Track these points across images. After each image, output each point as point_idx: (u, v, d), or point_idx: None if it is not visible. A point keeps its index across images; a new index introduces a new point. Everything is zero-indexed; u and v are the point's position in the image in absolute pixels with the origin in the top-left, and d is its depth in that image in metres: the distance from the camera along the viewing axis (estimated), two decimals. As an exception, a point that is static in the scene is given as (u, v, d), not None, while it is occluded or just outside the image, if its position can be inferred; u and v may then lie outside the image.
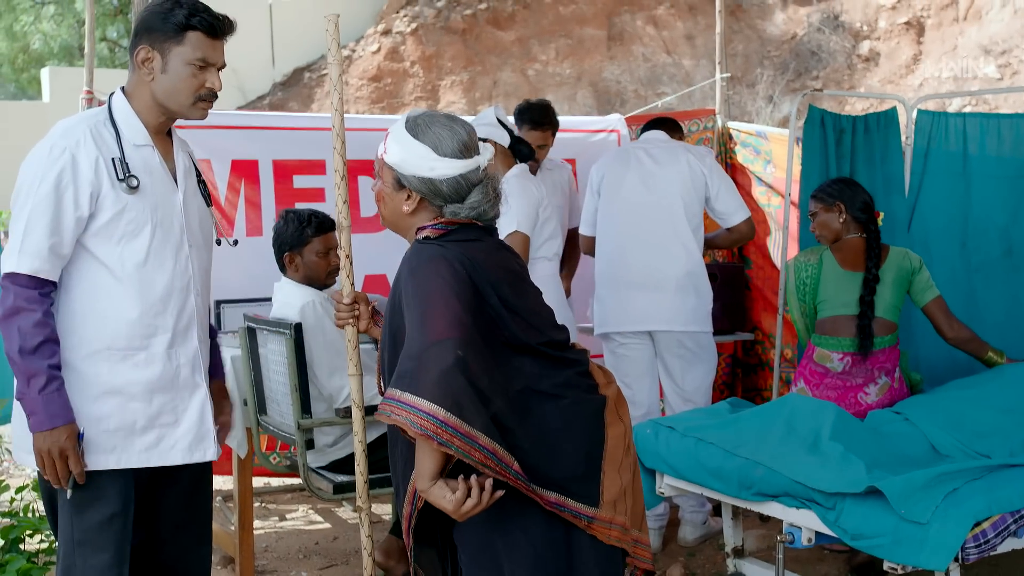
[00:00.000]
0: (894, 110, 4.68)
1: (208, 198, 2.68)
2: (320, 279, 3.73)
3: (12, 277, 2.35)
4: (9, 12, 14.40)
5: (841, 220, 3.77)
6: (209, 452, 2.57)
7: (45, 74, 12.98)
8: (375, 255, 4.79)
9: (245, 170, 4.97)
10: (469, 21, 14.40)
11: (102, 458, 2.42)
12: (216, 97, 2.53)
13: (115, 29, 15.26)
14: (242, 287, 4.74)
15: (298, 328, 3.35)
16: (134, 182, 2.43)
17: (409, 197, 2.29)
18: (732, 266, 5.23)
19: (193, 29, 2.43)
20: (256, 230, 4.97)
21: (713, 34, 15.15)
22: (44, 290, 2.37)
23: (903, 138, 4.65)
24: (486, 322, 2.19)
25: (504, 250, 2.36)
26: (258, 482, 5.20)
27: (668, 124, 4.58)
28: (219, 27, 2.47)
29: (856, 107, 12.95)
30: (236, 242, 2.95)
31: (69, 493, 2.38)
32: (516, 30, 14.49)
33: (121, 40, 15.45)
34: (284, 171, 5.03)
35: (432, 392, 2.05)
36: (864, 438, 3.13)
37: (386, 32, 14.10)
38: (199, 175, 2.67)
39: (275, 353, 3.49)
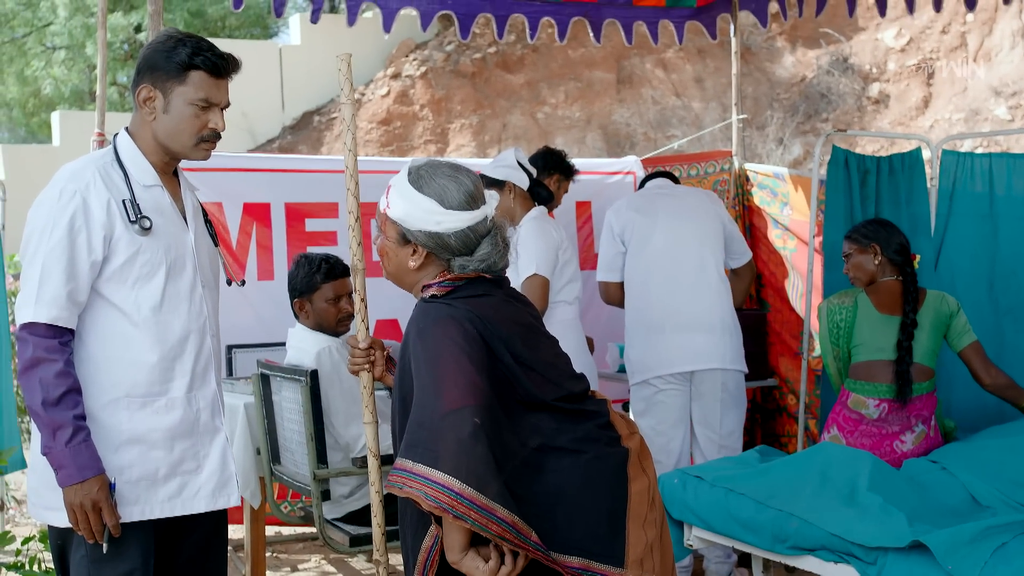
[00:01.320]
0: (918, 150, 4.61)
1: (215, 238, 2.61)
2: (331, 326, 3.62)
3: (30, 327, 2.27)
4: (20, 57, 14.47)
5: (876, 262, 3.68)
6: (233, 498, 2.49)
7: (55, 118, 13.00)
8: (387, 299, 4.68)
9: (257, 213, 4.91)
10: (478, 65, 14.42)
11: (125, 510, 2.33)
12: (219, 138, 2.45)
13: (125, 74, 15.30)
14: (253, 332, 4.66)
15: (314, 375, 3.25)
16: (147, 223, 2.36)
17: (415, 252, 2.20)
18: (754, 312, 5.12)
19: (196, 68, 2.36)
20: (267, 274, 4.90)
21: (722, 77, 15.16)
22: (63, 339, 2.29)
23: (928, 179, 4.58)
24: (499, 381, 2.09)
25: (515, 302, 2.25)
26: (269, 531, 5.07)
27: (669, 176, 4.60)
28: (223, 66, 2.40)
29: (867, 148, 12.90)
30: (244, 283, 2.87)
31: (105, 547, 2.29)
32: (525, 73, 14.50)
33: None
34: (296, 214, 4.98)
35: (449, 464, 1.96)
36: (903, 489, 3.00)
37: (395, 76, 14.11)
38: (206, 215, 2.60)
39: (290, 401, 3.39)
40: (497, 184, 3.85)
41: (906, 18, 14.59)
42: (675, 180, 4.60)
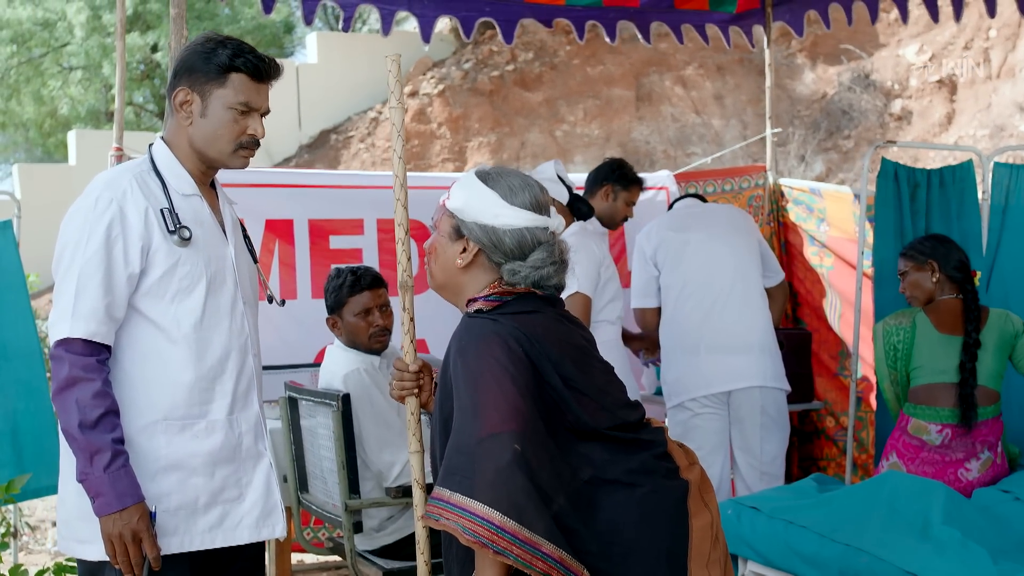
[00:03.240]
0: (970, 163, 4.43)
1: (254, 254, 2.47)
2: (363, 341, 3.40)
3: (66, 344, 2.12)
4: (37, 77, 14.43)
5: (934, 280, 3.51)
6: (278, 528, 2.32)
7: (72, 137, 12.94)
8: (416, 318, 4.54)
9: (280, 230, 4.77)
10: (496, 82, 14.30)
11: (164, 541, 2.17)
12: (258, 145, 2.32)
13: (141, 94, 15.26)
14: (276, 353, 4.49)
15: (346, 399, 3.07)
16: (186, 233, 2.22)
17: (465, 249, 2.05)
18: (799, 332, 4.93)
19: (237, 71, 2.23)
20: (290, 292, 4.75)
21: (741, 94, 15.01)
22: (101, 356, 2.14)
23: (979, 193, 4.40)
24: (547, 406, 1.94)
25: (567, 322, 2.09)
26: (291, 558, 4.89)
27: (698, 197, 4.49)
28: (265, 70, 2.28)
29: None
30: (283, 302, 2.72)
31: None
32: (543, 91, 14.37)
33: (147, 104, 15.47)
34: (320, 231, 4.83)
35: (487, 494, 1.81)
36: (979, 522, 2.81)
37: (413, 94, 14.01)
38: (244, 230, 2.47)
39: (320, 426, 3.21)
40: (534, 198, 3.69)
41: (928, 34, 14.45)
42: (703, 201, 4.46)
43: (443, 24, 11.97)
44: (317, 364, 4.10)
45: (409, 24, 14.80)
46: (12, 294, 4.35)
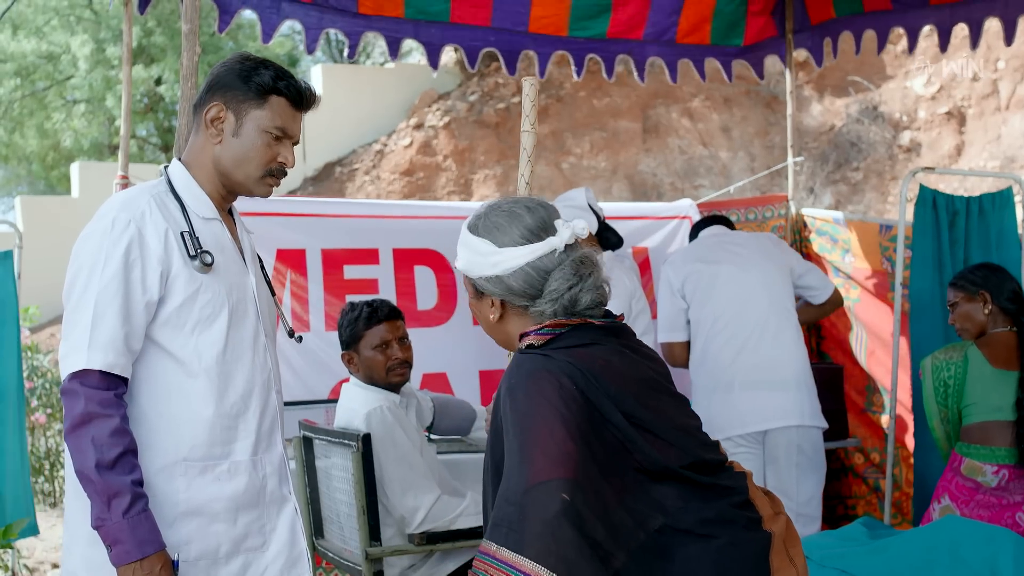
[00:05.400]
0: (1009, 191, 4.29)
1: (271, 286, 2.32)
2: (381, 377, 3.22)
3: (81, 377, 1.96)
4: (40, 110, 14.37)
5: (986, 311, 3.34)
6: None
7: (75, 169, 12.86)
8: (434, 351, 4.38)
9: (291, 260, 4.60)
10: (502, 115, 14.23)
11: None
12: (285, 175, 2.19)
13: (144, 127, 15.20)
14: (289, 389, 4.29)
15: (366, 440, 2.89)
16: (208, 259, 2.06)
17: (492, 304, 1.93)
18: (830, 367, 4.74)
19: (278, 94, 2.12)
20: (303, 325, 4.57)
21: (748, 126, 14.94)
22: (119, 391, 1.98)
23: (1019, 221, 4.25)
24: (608, 447, 1.77)
25: (632, 353, 1.91)
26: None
27: (725, 221, 4.30)
28: (305, 97, 2.16)
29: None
30: (300, 338, 2.55)
31: None
32: (550, 123, 14.29)
33: (150, 137, 15.41)
34: (334, 261, 4.67)
35: (534, 548, 1.66)
36: (1050, 572, 2.62)
37: (418, 126, 13.93)
38: (261, 261, 2.32)
39: (338, 468, 3.02)
40: (563, 226, 3.53)
41: (935, 65, 14.41)
42: (730, 226, 4.28)
43: (448, 56, 11.90)
44: (332, 400, 3.93)
45: (413, 57, 14.77)
46: (5, 328, 4.19)
